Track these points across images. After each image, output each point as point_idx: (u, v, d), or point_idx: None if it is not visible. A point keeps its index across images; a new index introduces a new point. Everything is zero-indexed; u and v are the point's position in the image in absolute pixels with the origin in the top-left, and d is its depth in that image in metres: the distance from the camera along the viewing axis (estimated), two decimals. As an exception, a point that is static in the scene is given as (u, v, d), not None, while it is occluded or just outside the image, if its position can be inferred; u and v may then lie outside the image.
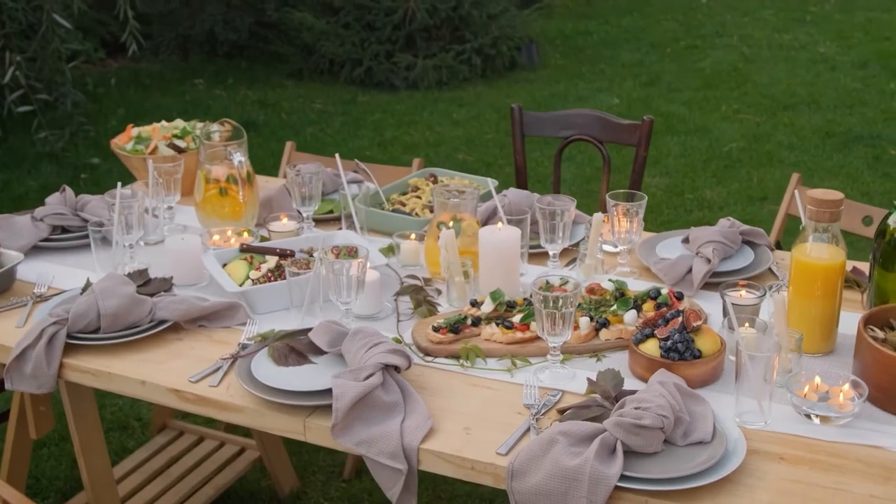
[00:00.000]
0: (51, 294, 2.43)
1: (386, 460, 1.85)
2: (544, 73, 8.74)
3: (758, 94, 7.84)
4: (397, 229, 2.64)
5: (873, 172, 6.06)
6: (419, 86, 8.15)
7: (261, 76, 8.61)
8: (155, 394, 2.08)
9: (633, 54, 9.34)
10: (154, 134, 3.02)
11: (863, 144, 6.57)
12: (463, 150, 6.61)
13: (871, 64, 8.64)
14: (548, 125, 3.64)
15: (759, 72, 8.53)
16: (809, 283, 2.09)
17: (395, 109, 7.61)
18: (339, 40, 8.27)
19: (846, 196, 2.13)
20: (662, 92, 8.05)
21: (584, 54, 9.42)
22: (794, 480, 1.75)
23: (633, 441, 1.75)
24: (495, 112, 7.51)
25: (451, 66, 8.23)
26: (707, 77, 8.46)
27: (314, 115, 7.52)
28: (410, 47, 8.31)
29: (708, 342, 2.04)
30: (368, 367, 1.93)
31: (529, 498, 1.75)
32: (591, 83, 8.37)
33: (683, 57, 9.20)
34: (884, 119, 7.09)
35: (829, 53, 9.09)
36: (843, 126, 6.95)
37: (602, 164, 3.59)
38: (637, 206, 2.47)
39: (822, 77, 8.29)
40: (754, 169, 6.23)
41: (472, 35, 8.43)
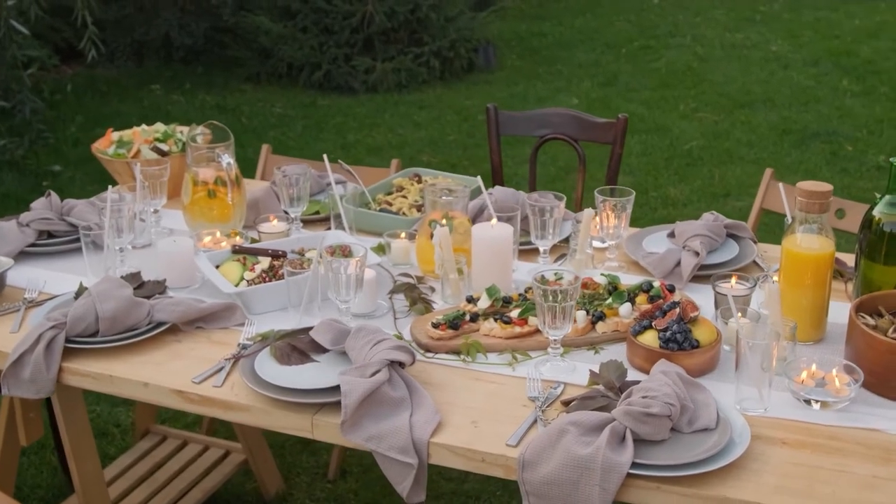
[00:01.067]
0: (42, 299, 2.42)
1: (396, 455, 1.87)
2: (502, 75, 8.80)
3: (714, 93, 7.95)
4: (385, 229, 2.66)
5: (831, 168, 6.18)
6: (378, 89, 8.17)
7: (218, 81, 8.58)
8: (158, 396, 2.08)
9: (589, 55, 9.43)
10: (135, 138, 3.01)
11: (819, 141, 6.69)
12: (427, 152, 6.64)
13: (822, 62, 8.80)
14: (523, 124, 3.67)
15: (714, 71, 8.65)
16: (800, 274, 2.14)
17: (356, 112, 7.62)
18: (297, 44, 8.26)
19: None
20: (620, 92, 8.14)
21: (540, 55, 9.48)
22: (798, 464, 1.79)
23: (642, 429, 1.79)
24: (456, 114, 7.55)
25: (409, 69, 8.26)
26: (663, 76, 8.56)
27: (275, 119, 7.50)
28: (369, 51, 8.32)
29: (704, 332, 2.08)
30: (374, 364, 1.95)
31: (540, 488, 1.78)
32: (549, 84, 8.43)
33: (638, 57, 9.30)
34: (838, 116, 7.22)
35: (781, 52, 9.24)
36: (800, 123, 7.08)
37: (577, 163, 3.64)
38: (625, 201, 2.51)
39: (776, 75, 8.43)
40: (715, 166, 6.32)
41: (430, 38, 8.46)
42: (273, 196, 2.83)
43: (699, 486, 1.74)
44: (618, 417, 1.80)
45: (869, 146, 6.55)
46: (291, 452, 3.54)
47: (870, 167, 6.18)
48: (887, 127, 6.91)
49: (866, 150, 6.47)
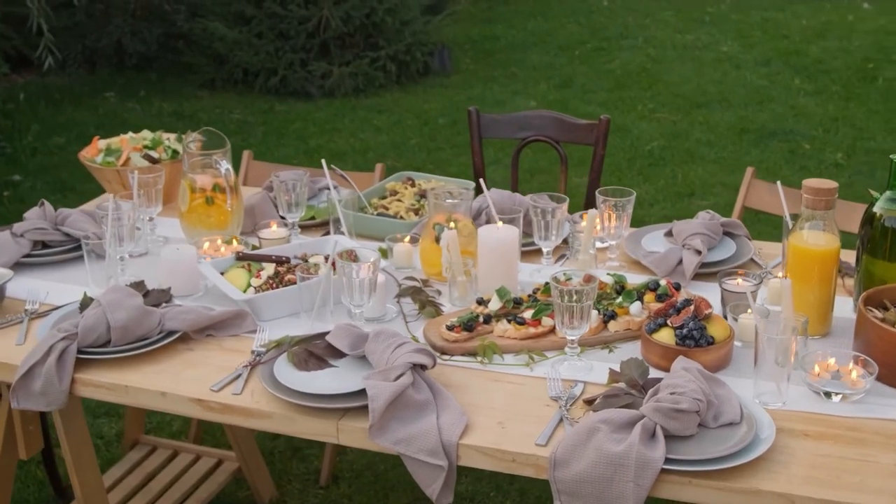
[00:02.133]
0: (44, 310, 2.39)
1: (426, 457, 1.87)
2: (457, 79, 8.82)
3: (670, 94, 8.04)
4: (384, 233, 2.67)
5: (791, 166, 6.28)
6: (335, 94, 8.15)
7: (172, 87, 8.50)
8: (176, 405, 2.07)
9: (543, 57, 9.49)
10: (123, 145, 2.98)
11: (777, 140, 6.80)
12: (391, 157, 6.63)
13: (773, 62, 8.94)
14: (505, 127, 3.69)
15: (668, 72, 8.75)
16: (807, 270, 2.18)
17: (316, 117, 7.59)
18: (252, 50, 8.21)
19: (767, 190, 2.21)
20: (577, 93, 8.20)
21: (495, 58, 9.53)
22: (823, 455, 1.82)
23: (672, 425, 1.81)
24: (416, 118, 7.56)
25: (366, 74, 8.25)
26: (618, 78, 8.64)
27: (234, 125, 7.45)
28: (325, 55, 8.30)
29: (718, 329, 2.11)
30: (398, 367, 1.96)
31: (573, 486, 1.79)
32: (505, 87, 8.47)
33: (592, 59, 9.38)
34: (793, 115, 7.35)
35: (732, 52, 9.37)
36: (756, 122, 7.19)
37: (559, 164, 3.67)
38: (625, 201, 2.54)
39: (729, 75, 8.55)
40: (677, 166, 6.40)
41: (386, 42, 8.46)
42: (269, 202, 2.82)
43: (730, 479, 1.76)
44: (647, 414, 1.82)
45: (826, 144, 6.67)
46: (281, 459, 3.52)
47: (828, 165, 6.30)
48: (842, 125, 7.04)
49: (823, 149, 6.59)
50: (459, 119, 7.47)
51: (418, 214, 2.80)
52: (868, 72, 8.44)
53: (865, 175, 6.06)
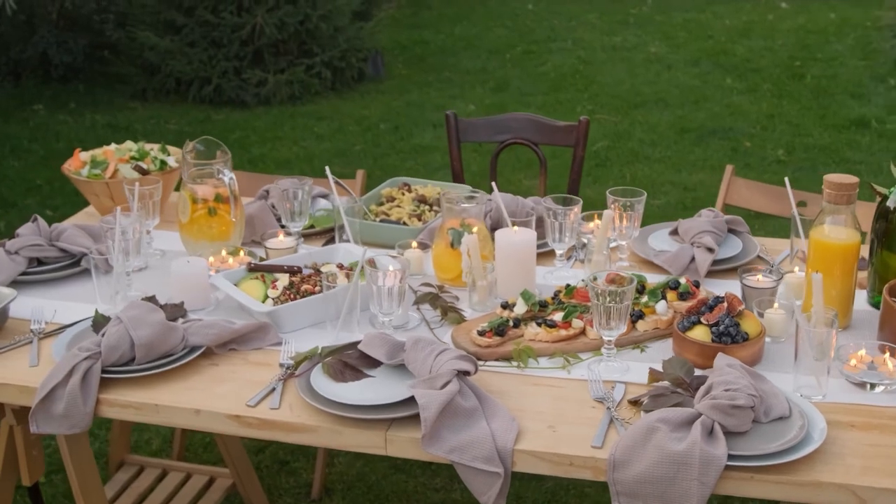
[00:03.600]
0: (51, 329, 2.31)
1: (481, 465, 1.85)
2: (392, 84, 8.78)
3: (606, 95, 8.12)
4: (389, 240, 2.64)
5: (735, 164, 6.31)
6: (271, 101, 8.06)
7: (102, 99, 8.31)
8: (212, 422, 2.01)
9: (475, 61, 9.50)
10: (109, 157, 2.90)
11: (717, 138, 6.91)
12: (337, 164, 6.57)
13: (702, 62, 9.09)
14: (483, 130, 3.69)
15: (602, 73, 8.84)
16: (829, 264, 2.21)
17: (255, 126, 7.50)
18: (185, 59, 8.07)
19: (717, 189, 2.24)
20: (514, 97, 8.23)
21: (427, 63, 9.52)
22: (874, 445, 1.85)
23: (729, 422, 1.81)
24: (357, 124, 7.51)
25: (302, 81, 8.17)
26: (553, 81, 8.70)
27: (171, 136, 7.30)
28: (258, 63, 8.20)
29: (751, 324, 2.13)
30: (444, 375, 1.93)
31: (633, 487, 1.79)
32: (442, 91, 8.47)
33: (524, 62, 9.43)
34: (730, 113, 7.47)
35: (661, 53, 9.50)
36: (695, 122, 7.29)
37: (539, 166, 3.67)
38: (635, 201, 2.55)
39: (662, 76, 8.67)
40: (624, 166, 6.46)
41: (320, 48, 8.39)
42: (268, 211, 2.77)
43: (791, 473, 1.77)
44: (704, 412, 1.82)
45: (766, 141, 6.80)
46: (269, 474, 3.46)
47: (770, 161, 6.42)
48: (778, 122, 7.19)
49: (764, 146, 6.71)
50: (401, 124, 7.45)
51: (421, 220, 2.77)
52: (796, 70, 8.62)
53: (808, 171, 6.19)
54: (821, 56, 9.10)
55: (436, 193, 2.94)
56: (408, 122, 7.50)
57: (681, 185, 6.10)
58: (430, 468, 3.46)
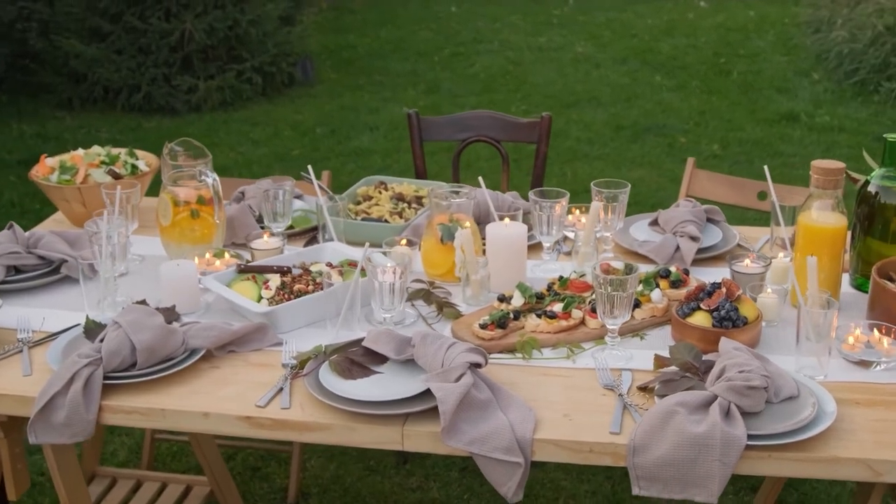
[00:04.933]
0: (40, 338, 2.25)
1: (501, 455, 1.85)
2: (323, 88, 8.75)
3: (539, 95, 8.19)
4: (371, 237, 2.62)
5: (672, 160, 6.49)
6: (202, 108, 7.97)
7: (28, 109, 8.12)
8: (222, 425, 1.98)
9: (403, 64, 9.51)
10: (77, 162, 2.84)
11: (653, 134, 7.02)
12: (277, 169, 6.52)
13: (629, 60, 9.22)
14: (445, 129, 3.70)
15: (532, 74, 8.91)
16: (818, 247, 2.26)
17: (188, 133, 7.37)
18: (113, 66, 7.94)
19: (658, 184, 2.32)
20: (447, 98, 8.26)
21: (355, 66, 9.50)
22: (881, 420, 1.90)
23: (745, 402, 1.85)
24: (292, 129, 7.46)
25: (233, 87, 8.09)
26: (484, 82, 8.74)
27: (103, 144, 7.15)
28: (188, 69, 8.10)
29: (749, 309, 2.17)
30: (457, 368, 1.93)
31: (653, 470, 1.81)
32: (374, 94, 8.46)
33: (453, 64, 9.46)
34: (662, 110, 7.59)
35: (588, 52, 9.62)
36: (628, 119, 7.39)
37: (501, 163, 3.69)
38: (619, 193, 2.58)
39: (592, 75, 8.77)
40: (564, 164, 6.52)
41: (250, 54, 8.32)
42: (248, 213, 2.73)
43: (807, 450, 1.81)
44: (720, 393, 1.85)
45: (700, 137, 6.92)
46: (242, 481, 3.42)
47: (707, 156, 6.53)
48: (710, 118, 7.33)
49: (699, 141, 6.83)
50: (337, 128, 7.42)
51: (402, 217, 2.76)
52: (721, 66, 8.80)
53: (744, 164, 6.31)
54: (744, 52, 9.29)
55: (413, 191, 2.94)
56: (344, 126, 7.47)
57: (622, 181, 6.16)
58: (405, 468, 3.46)
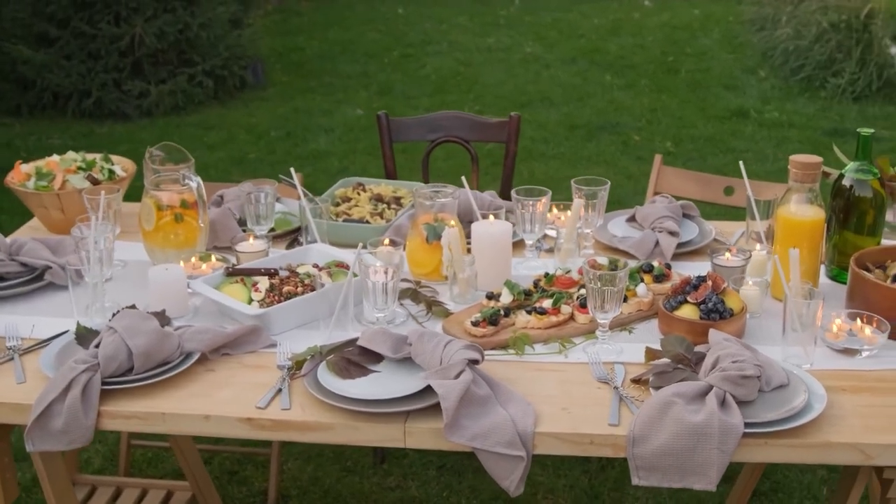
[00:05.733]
0: (29, 345, 2.24)
1: (503, 450, 1.88)
2: (275, 91, 8.73)
3: (491, 96, 8.24)
4: (353, 239, 2.64)
5: (628, 157, 6.57)
6: (154, 113, 7.92)
7: (-27, 116, 8.02)
8: (223, 427, 1.99)
9: (353, 66, 9.52)
10: (54, 168, 2.83)
11: (606, 133, 7.10)
12: (235, 173, 6.50)
13: (578, 60, 9.31)
14: (415, 129, 3.72)
15: (482, 74, 8.96)
16: (797, 240, 2.32)
17: (142, 138, 7.31)
18: (62, 72, 7.85)
19: (614, 182, 2.41)
20: (400, 100, 8.28)
21: (305, 69, 9.48)
22: (868, 405, 1.96)
23: (739, 391, 1.90)
24: (247, 133, 7.43)
25: (185, 91, 8.04)
26: (436, 83, 8.78)
27: (56, 151, 7.05)
28: (138, 74, 8.03)
29: (734, 301, 2.22)
30: (457, 365, 1.96)
31: (653, 460, 1.85)
32: (327, 96, 8.45)
33: (403, 65, 9.49)
34: (614, 109, 7.68)
35: (537, 53, 9.69)
36: (582, 118, 7.47)
37: (470, 163, 3.73)
38: (599, 190, 2.62)
39: (542, 75, 8.84)
40: (521, 164, 6.56)
41: (201, 57, 8.27)
42: (230, 216, 2.74)
43: (801, 436, 1.86)
44: (715, 383, 1.90)
45: (653, 134, 7.01)
46: (220, 485, 3.41)
47: (661, 153, 6.59)
48: (662, 115, 7.43)
49: (652, 139, 6.92)
50: (292, 131, 7.41)
51: (383, 218, 2.79)
52: (669, 65, 8.92)
53: (697, 161, 6.41)
54: (691, 51, 9.43)
55: (391, 192, 2.96)
56: (299, 129, 7.46)
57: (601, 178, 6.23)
58: (382, 468, 3.48)
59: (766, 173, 5.98)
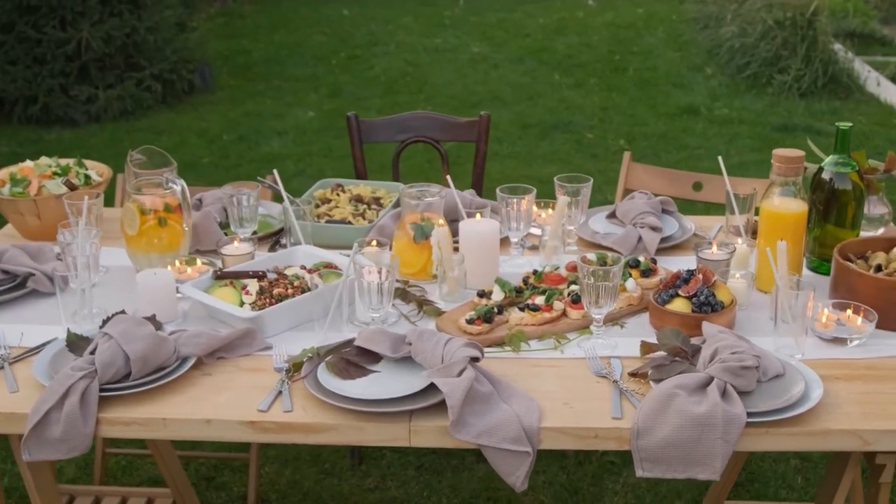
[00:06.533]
0: (17, 353, 2.20)
1: (510, 446, 1.89)
2: (224, 95, 8.67)
3: (442, 96, 8.26)
4: (336, 240, 2.65)
5: (582, 155, 6.63)
6: (102, 118, 7.82)
7: (-85, 123, 7.86)
8: (226, 431, 1.97)
9: (302, 68, 9.48)
10: (29, 174, 2.79)
11: (560, 132, 7.15)
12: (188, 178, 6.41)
13: (525, 60, 9.36)
14: (384, 130, 3.72)
15: (432, 75, 8.98)
16: (781, 233, 2.36)
17: (92, 144, 7.25)
18: (7, 77, 7.72)
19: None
20: (351, 101, 8.26)
21: (253, 72, 9.43)
22: (862, 392, 2.00)
23: (739, 382, 1.93)
24: (199, 137, 7.37)
25: (133, 95, 7.95)
26: (385, 84, 8.77)
27: (4, 159, 6.97)
28: (85, 79, 7.93)
29: (724, 293, 2.25)
30: (459, 362, 1.97)
31: (657, 452, 1.87)
32: (277, 99, 8.41)
33: (352, 67, 9.47)
34: (565, 108, 7.74)
35: (484, 53, 9.73)
36: (534, 117, 7.51)
37: (441, 163, 3.74)
38: (581, 187, 2.64)
39: (491, 75, 8.88)
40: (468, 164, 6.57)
41: (148, 61, 8.18)
42: (212, 219, 2.72)
43: (800, 424, 1.90)
44: (716, 375, 1.93)
45: (606, 132, 7.08)
46: (198, 491, 3.38)
47: (615, 150, 6.69)
48: (613, 114, 7.50)
49: (605, 136, 6.99)
50: (245, 134, 7.37)
51: (365, 218, 2.79)
52: (617, 63, 9.00)
53: (651, 158, 6.48)
54: (637, 49, 9.52)
55: (370, 192, 2.96)
56: (251, 132, 7.42)
57: (535, 178, 6.28)
58: (361, 469, 3.47)
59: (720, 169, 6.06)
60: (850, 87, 7.74)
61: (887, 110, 7.49)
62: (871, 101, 7.73)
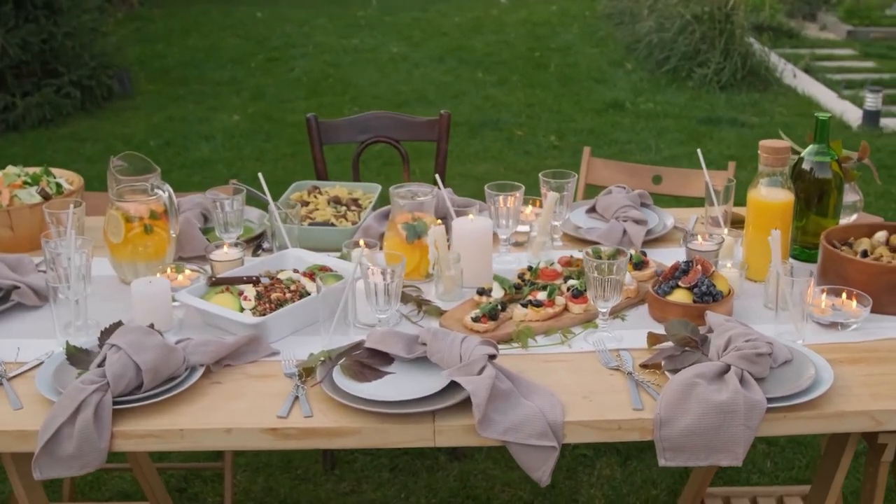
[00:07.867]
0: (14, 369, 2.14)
1: (536, 441, 1.90)
2: (144, 100, 8.51)
3: (368, 96, 8.23)
4: (320, 242, 2.64)
5: (515, 152, 6.67)
6: (20, 126, 7.61)
7: None
8: (245, 439, 1.95)
9: (220, 72, 9.36)
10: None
11: (489, 129, 7.18)
12: (119, 184, 6.30)
13: (446, 58, 9.38)
14: (344, 131, 3.70)
15: (354, 76, 8.94)
16: (769, 222, 2.41)
17: (13, 154, 7.04)
18: (-81, 86, 7.48)
19: (505, 177, 2.51)
20: (276, 104, 8.18)
21: (171, 77, 9.28)
22: (868, 374, 2.06)
23: (755, 369, 1.97)
24: (124, 143, 7.22)
25: (52, 102, 7.76)
26: (308, 85, 8.71)
27: (-80, 169, 6.75)
28: (1, 87, 7.70)
29: (722, 283, 2.30)
30: (479, 360, 1.97)
31: (680, 441, 1.90)
32: (199, 104, 8.29)
33: (271, 69, 9.38)
34: (491, 106, 7.78)
35: (404, 52, 9.73)
36: (461, 115, 7.53)
37: (402, 163, 3.73)
38: (566, 183, 2.67)
39: (414, 74, 8.88)
40: (414, 163, 6.56)
41: (66, 67, 7.99)
42: (194, 226, 2.67)
43: (816, 408, 1.95)
44: (733, 363, 1.97)
45: (535, 129, 7.13)
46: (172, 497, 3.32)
47: (546, 147, 6.75)
48: (540, 110, 7.56)
49: (535, 133, 7.04)
50: (171, 140, 7.25)
51: (347, 220, 2.77)
52: (537, 60, 9.08)
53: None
54: (555, 46, 9.62)
55: (347, 194, 2.95)
56: (177, 137, 7.30)
57: (471, 176, 6.31)
58: (334, 473, 3.45)
59: (652, 163, 6.16)
60: (768, 79, 7.94)
61: (805, 101, 7.70)
62: (789, 92, 7.94)
